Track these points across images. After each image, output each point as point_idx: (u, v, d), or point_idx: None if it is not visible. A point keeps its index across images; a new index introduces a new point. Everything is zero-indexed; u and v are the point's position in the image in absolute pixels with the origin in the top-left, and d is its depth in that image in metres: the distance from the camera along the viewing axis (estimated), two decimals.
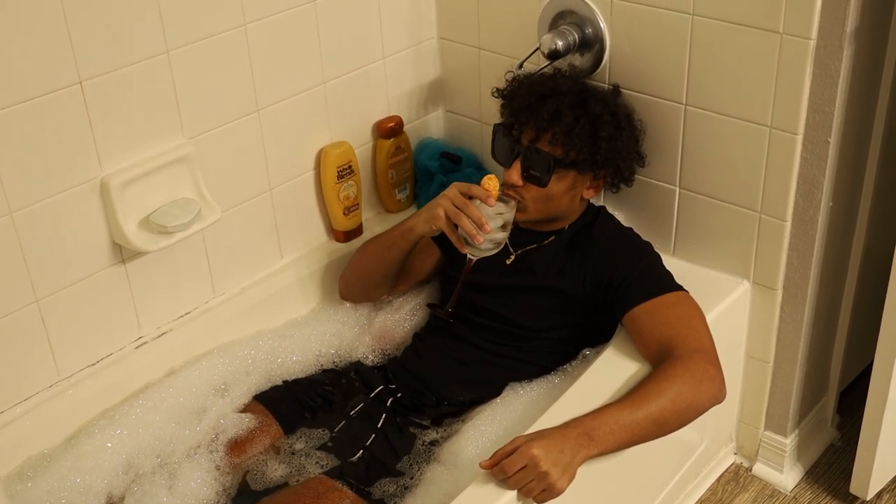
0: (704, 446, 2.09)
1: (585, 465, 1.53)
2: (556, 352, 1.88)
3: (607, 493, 1.75)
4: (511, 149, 1.84)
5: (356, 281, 2.07)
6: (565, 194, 1.85)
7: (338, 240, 2.24)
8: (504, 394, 1.86)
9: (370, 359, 2.03)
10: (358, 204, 2.22)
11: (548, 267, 1.88)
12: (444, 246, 1.97)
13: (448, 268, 2.01)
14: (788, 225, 1.88)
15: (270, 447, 1.84)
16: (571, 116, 1.79)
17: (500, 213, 1.73)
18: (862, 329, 2.14)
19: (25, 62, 1.61)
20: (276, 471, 1.80)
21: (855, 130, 1.84)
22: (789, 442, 2.13)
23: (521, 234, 1.94)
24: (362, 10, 2.11)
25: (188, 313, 2.01)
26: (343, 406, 1.89)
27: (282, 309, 2.11)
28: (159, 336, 1.95)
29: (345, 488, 1.70)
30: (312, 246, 2.22)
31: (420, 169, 2.35)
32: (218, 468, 1.79)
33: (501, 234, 1.75)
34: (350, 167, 2.17)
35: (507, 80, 1.95)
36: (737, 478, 2.17)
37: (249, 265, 2.10)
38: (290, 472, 1.79)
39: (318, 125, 2.13)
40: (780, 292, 1.97)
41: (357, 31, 2.13)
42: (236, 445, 1.82)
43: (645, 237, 1.93)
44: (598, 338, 1.85)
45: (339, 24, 2.07)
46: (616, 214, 2.01)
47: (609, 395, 1.67)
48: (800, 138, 1.79)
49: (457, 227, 1.74)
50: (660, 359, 1.66)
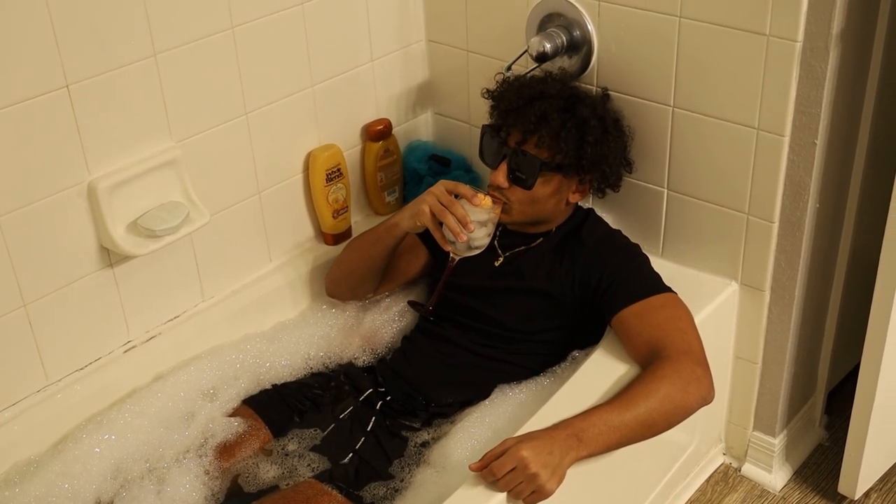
0: (694, 447, 2.09)
1: (575, 466, 1.53)
2: (545, 354, 1.88)
3: (597, 495, 1.75)
4: (498, 150, 1.85)
5: (342, 277, 2.06)
6: (550, 197, 1.85)
7: (327, 243, 2.24)
8: (493, 396, 1.86)
9: (360, 360, 2.02)
10: (347, 207, 2.22)
11: (536, 269, 1.88)
12: (432, 247, 1.97)
13: (436, 270, 2.01)
14: (776, 226, 1.89)
15: (260, 451, 1.83)
16: (559, 120, 1.79)
17: (485, 214, 1.74)
18: (849, 330, 2.15)
19: (12, 66, 1.60)
20: (268, 472, 1.79)
21: (841, 132, 1.85)
22: (778, 442, 2.14)
23: (509, 236, 1.94)
24: (350, 12, 2.11)
25: (177, 317, 2.00)
26: (332, 409, 1.89)
27: (271, 312, 2.10)
28: (148, 340, 1.95)
29: (334, 492, 1.70)
30: (301, 249, 2.21)
31: (409, 171, 2.35)
32: (207, 473, 1.78)
33: (485, 235, 1.76)
34: (339, 170, 2.17)
35: (496, 82, 1.95)
36: (726, 478, 2.18)
37: (238, 268, 2.10)
38: (283, 473, 1.79)
39: (306, 128, 2.13)
40: (767, 293, 1.97)
41: (345, 34, 2.13)
42: (225, 450, 1.81)
43: (633, 239, 1.93)
44: (587, 340, 1.86)
45: (328, 26, 2.07)
46: (605, 217, 2.02)
47: (598, 397, 1.67)
48: (787, 140, 1.80)
49: (442, 225, 1.75)
50: (649, 360, 1.67)
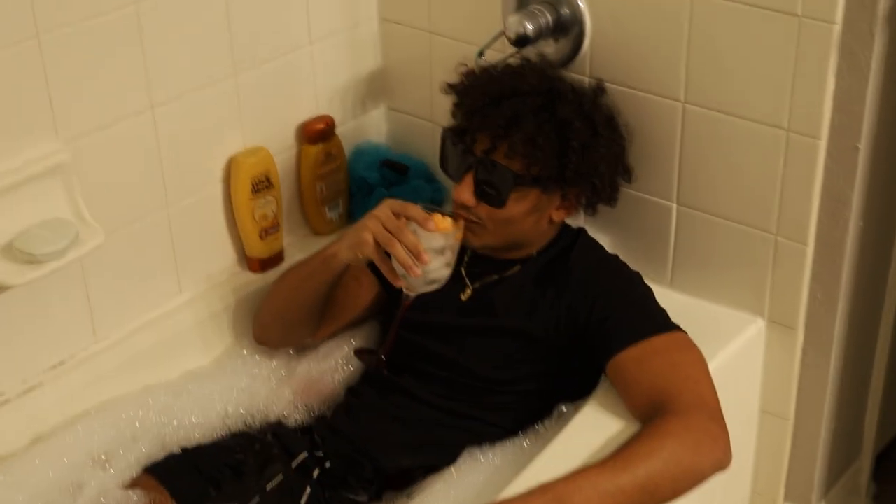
0: None
1: None
2: (525, 408, 1.88)
3: None
4: (462, 160, 1.85)
5: (272, 320, 2.06)
6: (527, 216, 1.86)
7: (252, 269, 2.23)
8: (460, 462, 1.86)
9: (292, 419, 2.01)
10: (278, 225, 2.21)
11: (512, 304, 1.88)
12: (383, 277, 1.97)
13: (389, 305, 2.01)
14: (810, 250, 1.90)
15: None
16: (534, 123, 1.80)
17: (444, 239, 1.73)
18: None
19: None
20: None
21: (890, 134, 1.87)
22: None
23: (479, 262, 1.94)
24: None
25: (62, 363, 1.99)
26: (258, 478, 1.88)
27: (179, 358, 2.10)
28: (25, 392, 1.93)
29: None
30: (220, 278, 2.21)
31: (356, 181, 2.35)
32: None
33: (443, 265, 1.75)
34: (268, 179, 2.17)
35: (460, 74, 1.95)
36: None
37: (140, 302, 2.09)
38: None
39: (227, 127, 2.13)
40: (800, 332, 1.98)
41: (277, 11, 2.13)
42: None
43: (635, 266, 1.94)
44: (577, 391, 1.85)
45: (254, 1, 2.07)
46: (599, 238, 2.02)
47: (591, 460, 1.67)
48: (823, 144, 1.81)
49: (390, 256, 1.74)
50: (651, 416, 1.67)
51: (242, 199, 2.15)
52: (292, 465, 1.90)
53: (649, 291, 1.87)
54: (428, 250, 1.71)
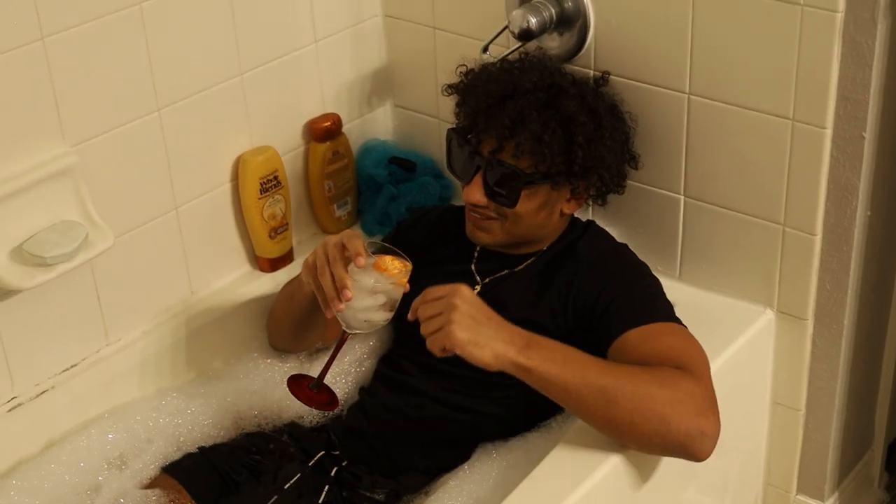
0: None
1: None
2: (537, 403, 1.87)
3: None
4: (469, 161, 1.86)
5: (276, 330, 2.09)
6: (538, 212, 1.87)
7: (262, 269, 2.24)
8: (474, 458, 1.86)
9: (307, 419, 2.02)
10: (287, 224, 2.22)
11: (522, 297, 1.89)
12: None
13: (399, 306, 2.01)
14: (818, 240, 1.91)
15: None
16: (539, 121, 1.80)
17: (376, 283, 1.67)
18: None
19: None
20: None
21: (895, 123, 1.87)
22: None
23: (488, 259, 1.95)
24: None
25: (74, 366, 1.99)
26: (275, 477, 1.88)
27: (192, 359, 2.10)
28: (38, 396, 1.94)
29: None
30: (230, 278, 2.21)
31: (364, 178, 2.36)
32: None
33: (378, 310, 1.69)
34: (276, 178, 2.17)
35: (459, 74, 1.96)
36: None
37: (151, 304, 2.09)
38: None
39: (234, 127, 2.13)
40: (810, 323, 1.99)
41: (281, 9, 2.13)
42: None
43: (644, 257, 1.94)
44: None
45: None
46: (608, 230, 2.03)
47: (603, 455, 1.68)
48: (829, 133, 1.81)
49: None
50: None
51: (251, 199, 2.15)
52: (309, 463, 1.90)
53: (657, 283, 1.87)
54: (361, 289, 1.67)
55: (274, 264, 2.23)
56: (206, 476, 1.89)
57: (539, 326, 1.85)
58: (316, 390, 1.75)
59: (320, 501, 1.84)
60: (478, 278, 1.94)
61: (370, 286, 1.67)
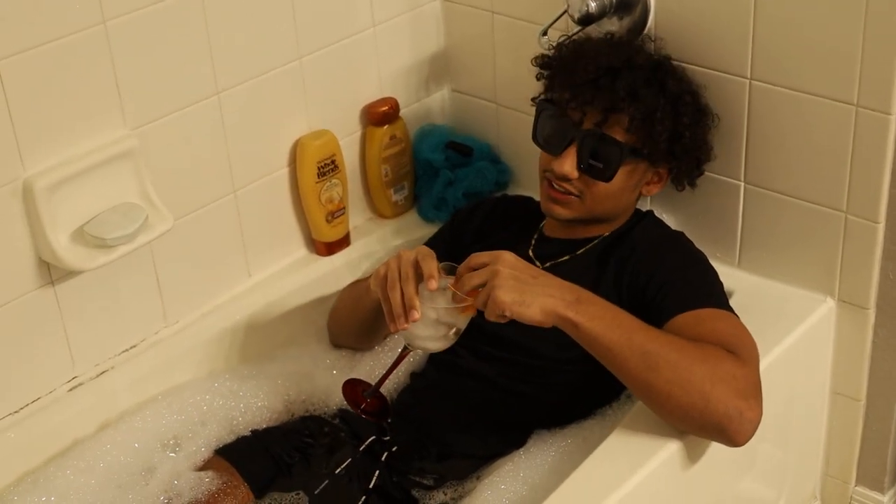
0: None
1: None
2: (593, 389, 1.88)
3: None
4: (564, 133, 1.85)
5: (339, 330, 2.10)
6: (625, 191, 1.88)
7: (319, 253, 2.25)
8: (529, 444, 1.86)
9: None
10: (344, 208, 2.23)
11: (578, 281, 1.87)
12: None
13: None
14: (881, 227, 1.88)
15: None
16: (651, 96, 1.81)
17: (447, 311, 1.64)
18: None
19: None
20: None
21: None
22: (887, 500, 2.13)
23: (548, 243, 1.95)
24: None
25: (134, 347, 2.02)
26: (326, 462, 1.89)
27: (248, 342, 2.12)
28: (98, 376, 1.96)
29: None
30: (287, 262, 2.23)
31: (421, 163, 2.36)
32: None
33: (442, 335, 1.66)
34: (333, 162, 2.18)
35: (548, 46, 1.95)
36: None
37: (209, 286, 2.12)
38: None
39: (293, 111, 2.15)
40: (872, 312, 1.97)
41: None
42: None
43: (703, 246, 1.93)
44: None
45: None
46: (666, 219, 2.03)
47: (660, 442, 1.68)
48: (893, 119, 1.79)
49: None
50: None
51: (308, 183, 2.17)
52: (360, 448, 1.91)
53: (712, 270, 1.85)
54: (428, 312, 1.64)
55: (330, 248, 2.24)
56: (259, 459, 1.90)
57: None
58: (369, 398, 1.74)
59: (370, 486, 1.85)
60: (536, 263, 1.94)
61: (439, 311, 1.65)
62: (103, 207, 1.86)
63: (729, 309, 1.77)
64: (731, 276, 1.89)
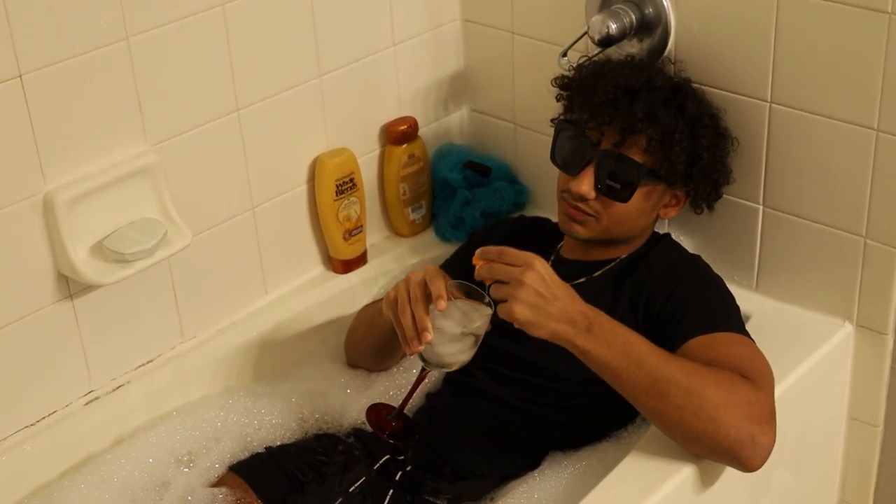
0: None
1: None
2: (609, 411, 1.87)
3: None
4: (582, 153, 1.86)
5: (355, 352, 2.11)
6: (642, 212, 1.88)
7: (336, 271, 2.26)
8: (544, 465, 1.86)
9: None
10: (361, 226, 2.24)
11: (595, 304, 1.88)
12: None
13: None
14: None
15: None
16: (670, 118, 1.81)
17: (459, 330, 1.63)
18: None
19: None
20: None
21: None
22: None
23: (565, 264, 1.95)
24: None
25: (150, 361, 2.03)
26: (340, 480, 1.89)
27: (263, 359, 2.12)
28: (114, 390, 1.97)
29: None
30: (304, 279, 2.24)
31: (439, 182, 2.37)
32: None
33: (457, 352, 1.66)
34: (352, 180, 2.19)
35: (569, 67, 1.95)
36: None
37: (226, 302, 2.12)
38: None
39: (312, 128, 2.16)
40: (891, 337, 1.96)
41: (361, 13, 2.16)
42: None
43: (720, 269, 1.93)
44: None
45: (339, 3, 2.10)
46: (683, 241, 2.02)
47: (675, 466, 1.67)
48: None
49: None
50: None
51: (327, 201, 2.17)
52: (374, 467, 1.90)
53: (729, 294, 1.85)
54: (441, 332, 1.63)
55: (347, 266, 2.25)
56: (273, 476, 1.90)
57: None
58: (394, 421, 1.73)
59: None
60: None
61: (451, 331, 1.64)
62: (122, 222, 1.87)
63: (745, 333, 1.77)
64: (748, 300, 1.89)
